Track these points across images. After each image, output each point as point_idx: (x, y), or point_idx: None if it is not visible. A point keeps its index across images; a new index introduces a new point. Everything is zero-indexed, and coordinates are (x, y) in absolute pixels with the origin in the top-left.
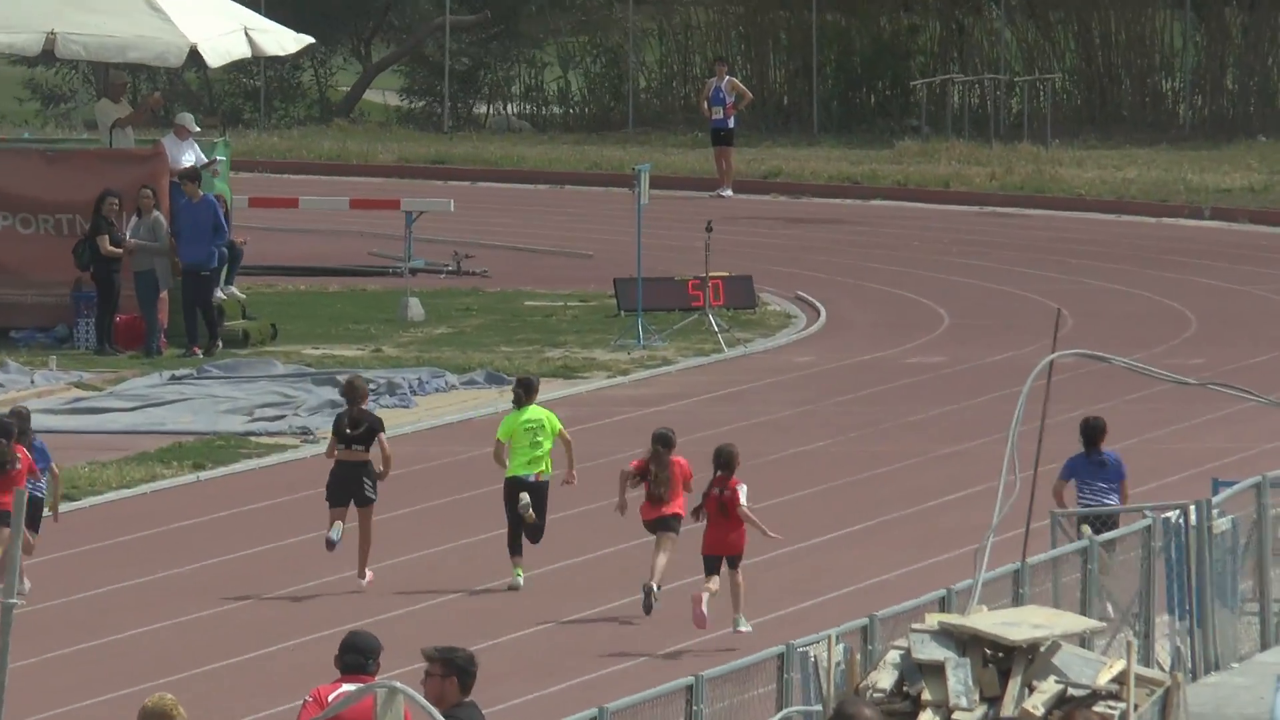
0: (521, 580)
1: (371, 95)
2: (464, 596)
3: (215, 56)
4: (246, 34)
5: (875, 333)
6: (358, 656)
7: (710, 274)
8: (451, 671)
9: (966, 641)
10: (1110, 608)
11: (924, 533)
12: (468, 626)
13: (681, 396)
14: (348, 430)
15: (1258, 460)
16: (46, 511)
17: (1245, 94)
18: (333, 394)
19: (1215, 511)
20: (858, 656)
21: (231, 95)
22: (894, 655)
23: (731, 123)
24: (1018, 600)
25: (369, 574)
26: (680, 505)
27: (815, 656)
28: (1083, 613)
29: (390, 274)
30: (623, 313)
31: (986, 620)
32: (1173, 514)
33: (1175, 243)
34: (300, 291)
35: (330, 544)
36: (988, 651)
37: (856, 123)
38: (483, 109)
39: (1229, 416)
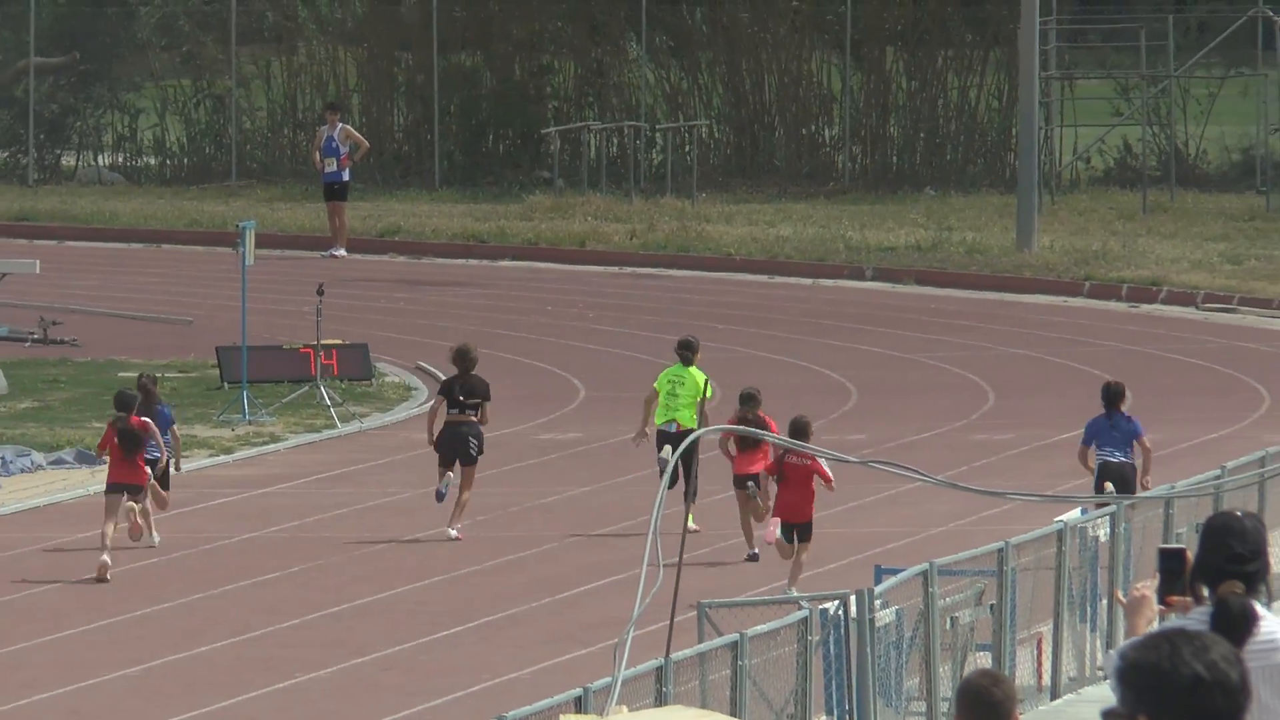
0: (692, 522)
1: None
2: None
3: None
4: None
5: (504, 406)
6: None
7: (322, 342)
8: None
9: None
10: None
11: (558, 626)
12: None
13: (291, 477)
14: (460, 397)
15: (924, 546)
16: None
17: (910, 143)
18: None
19: (878, 602)
20: None
21: None
22: None
23: (346, 175)
24: (661, 699)
25: (458, 531)
26: (768, 462)
27: None
28: (732, 713)
29: None
30: (226, 385)
31: None
32: (831, 605)
33: (834, 306)
34: None
35: (440, 496)
36: None
37: (483, 175)
38: (71, 160)
39: (893, 498)
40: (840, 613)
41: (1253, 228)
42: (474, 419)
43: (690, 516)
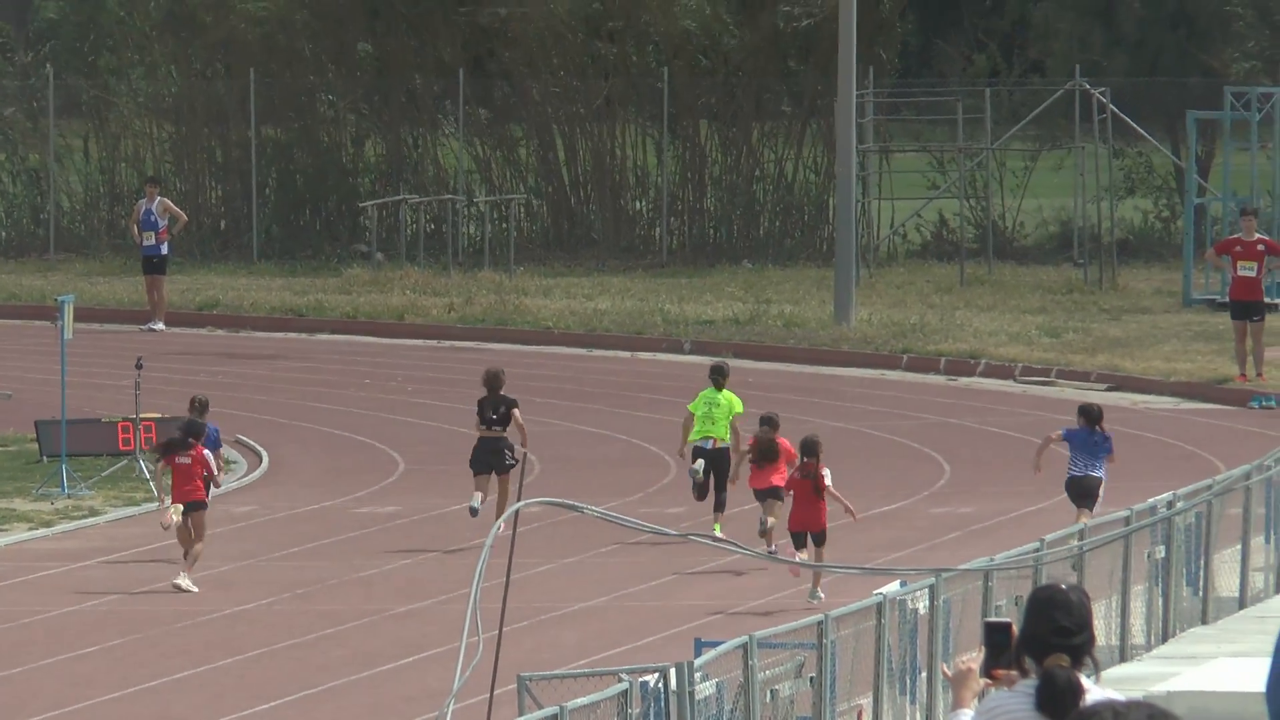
0: (719, 531)
1: None
2: None
3: None
4: None
5: (322, 479)
6: None
7: (141, 415)
8: None
9: None
10: None
11: (378, 700)
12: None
13: (110, 550)
14: (492, 415)
15: (744, 619)
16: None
17: (727, 217)
18: None
19: (698, 674)
20: None
21: None
22: None
23: (165, 249)
24: None
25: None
26: (783, 478)
27: None
28: None
29: None
30: (45, 458)
31: None
32: (651, 678)
33: (653, 379)
34: None
35: (473, 511)
36: None
37: (301, 248)
38: None
39: (713, 570)
40: (660, 685)
41: (1070, 300)
42: (503, 434)
43: (718, 526)
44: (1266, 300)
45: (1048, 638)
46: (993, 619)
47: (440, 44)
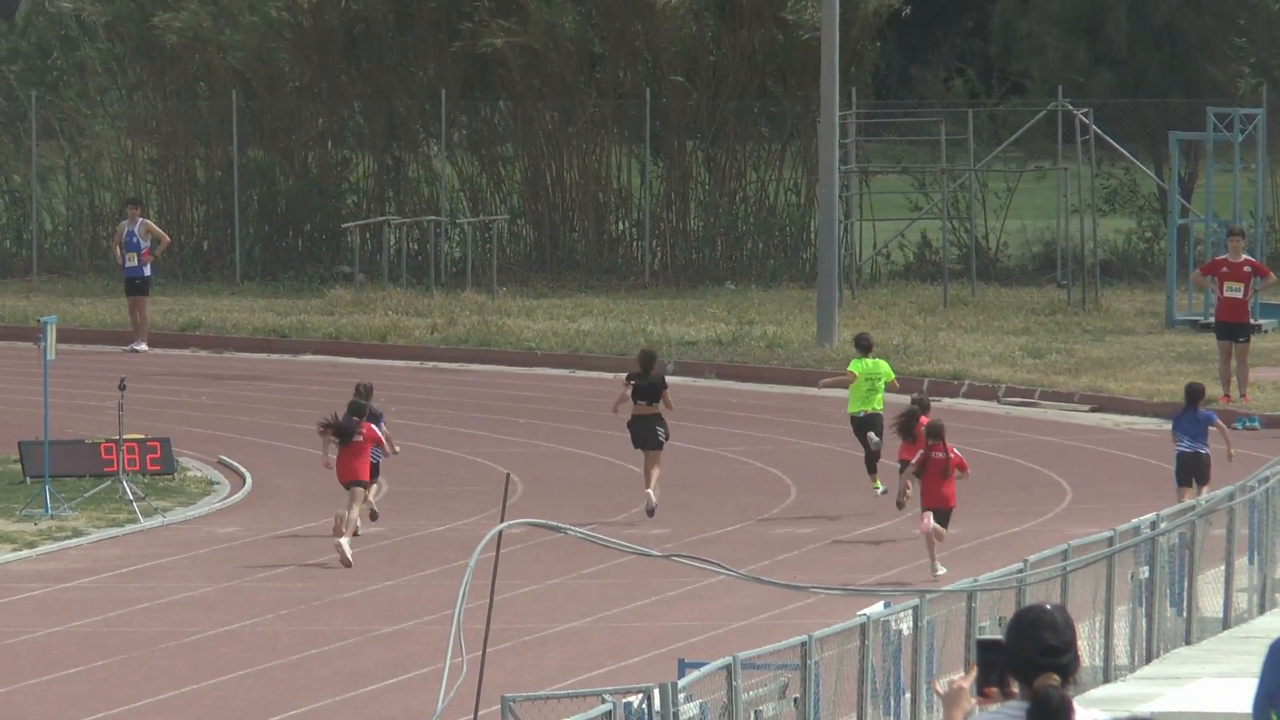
0: (881, 488)
1: None
2: None
3: None
4: None
5: (305, 501)
6: None
7: (124, 436)
8: None
9: None
10: None
11: None
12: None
13: (93, 571)
14: (651, 393)
15: (728, 639)
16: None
17: (711, 238)
18: None
19: (682, 696)
20: None
21: None
22: None
23: (147, 270)
24: None
25: (656, 496)
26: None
27: None
28: None
29: None
30: (29, 479)
31: None
32: (635, 699)
33: None
34: None
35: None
36: None
37: (284, 269)
38: None
39: (696, 591)
40: (644, 706)
41: (1053, 321)
42: (659, 410)
43: (878, 483)
44: (1252, 321)
45: (1036, 658)
46: (985, 637)
47: (428, 68)
